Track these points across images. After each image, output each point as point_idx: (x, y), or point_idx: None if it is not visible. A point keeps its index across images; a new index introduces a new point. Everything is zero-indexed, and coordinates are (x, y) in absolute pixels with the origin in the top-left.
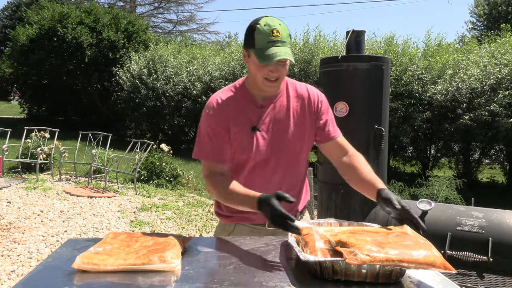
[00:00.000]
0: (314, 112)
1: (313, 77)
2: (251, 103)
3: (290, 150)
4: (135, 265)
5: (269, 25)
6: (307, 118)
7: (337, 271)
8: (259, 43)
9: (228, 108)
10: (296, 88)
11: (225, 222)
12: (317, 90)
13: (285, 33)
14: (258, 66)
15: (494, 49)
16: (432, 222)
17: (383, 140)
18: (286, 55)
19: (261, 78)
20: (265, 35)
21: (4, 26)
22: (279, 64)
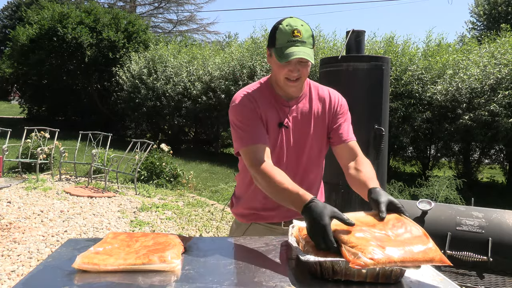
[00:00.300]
0: (333, 114)
1: (313, 77)
2: (278, 100)
3: (309, 151)
4: (135, 265)
5: (290, 25)
6: (326, 120)
7: (337, 271)
8: (279, 42)
9: (258, 100)
10: (318, 91)
11: (241, 220)
12: (338, 94)
13: (307, 34)
14: (278, 66)
15: (494, 49)
16: (432, 222)
17: (383, 140)
18: (304, 55)
19: (282, 78)
20: (286, 35)
21: (4, 26)
22: (299, 64)
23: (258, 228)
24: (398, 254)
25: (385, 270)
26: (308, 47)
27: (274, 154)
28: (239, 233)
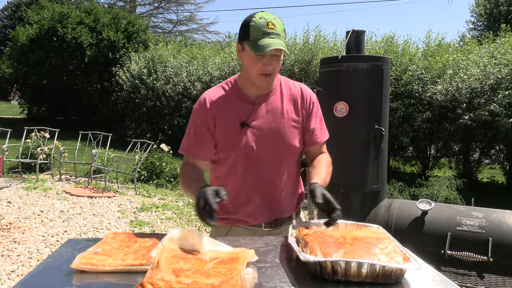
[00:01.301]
0: (307, 113)
1: (313, 77)
2: (242, 99)
3: (282, 149)
4: (133, 266)
5: (264, 18)
6: (299, 117)
7: (337, 272)
8: (253, 34)
9: (216, 105)
10: (290, 87)
11: (220, 223)
12: (310, 90)
13: (280, 27)
14: (252, 60)
15: (494, 49)
16: (432, 222)
17: (383, 140)
18: (281, 46)
19: (255, 73)
20: (260, 27)
21: (4, 26)
22: (273, 59)
23: (239, 231)
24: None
25: (385, 271)
26: (282, 40)
27: (241, 152)
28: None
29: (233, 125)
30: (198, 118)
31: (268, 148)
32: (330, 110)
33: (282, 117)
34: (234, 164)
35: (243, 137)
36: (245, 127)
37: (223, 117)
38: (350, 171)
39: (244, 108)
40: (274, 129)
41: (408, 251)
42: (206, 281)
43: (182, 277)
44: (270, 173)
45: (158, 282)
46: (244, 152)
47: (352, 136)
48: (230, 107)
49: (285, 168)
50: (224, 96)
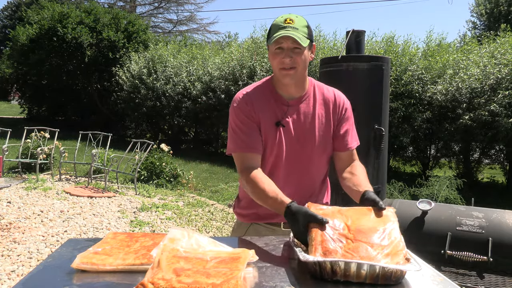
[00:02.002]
0: (338, 118)
1: (313, 77)
2: (277, 99)
3: (311, 151)
4: (134, 265)
5: (284, 16)
6: (330, 122)
7: (336, 272)
8: (272, 31)
9: (254, 101)
10: (323, 92)
11: (242, 220)
12: (344, 96)
13: (300, 23)
14: (272, 55)
15: (494, 49)
16: (432, 222)
17: (383, 140)
18: (289, 34)
19: (277, 68)
20: (278, 23)
21: (4, 26)
22: (292, 52)
23: (258, 228)
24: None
25: (385, 272)
26: (300, 33)
27: (273, 151)
28: (240, 233)
29: (268, 122)
30: (242, 113)
31: (298, 149)
32: None
33: (313, 121)
34: (264, 161)
35: (276, 136)
36: (279, 126)
37: (260, 114)
38: None
39: (279, 108)
40: (305, 131)
41: (408, 252)
42: (206, 280)
43: (183, 277)
44: (298, 173)
45: (159, 282)
46: (275, 151)
47: None
48: (267, 105)
49: (313, 170)
50: (260, 94)
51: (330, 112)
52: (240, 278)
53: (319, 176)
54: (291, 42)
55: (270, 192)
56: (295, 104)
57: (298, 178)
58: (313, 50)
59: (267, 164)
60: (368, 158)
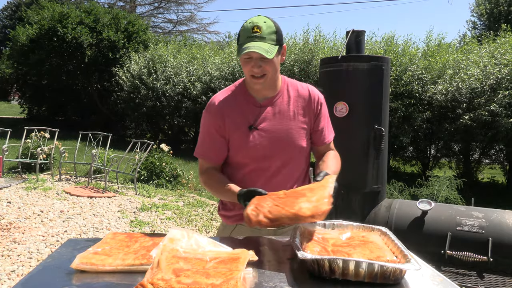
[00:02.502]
0: (315, 114)
1: (313, 77)
2: (250, 102)
3: (290, 150)
4: (133, 266)
5: (252, 22)
6: (306, 118)
7: (334, 270)
8: (240, 39)
9: (226, 108)
10: (297, 89)
11: (227, 222)
12: (318, 92)
13: (268, 30)
14: (242, 62)
15: (494, 49)
16: (432, 222)
17: (383, 140)
18: (256, 49)
19: (247, 75)
20: (246, 31)
21: (4, 26)
22: (261, 61)
23: (243, 229)
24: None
25: (384, 271)
26: (267, 42)
27: (248, 154)
28: (226, 235)
29: (241, 128)
30: (209, 122)
31: (276, 149)
32: (330, 110)
33: (289, 119)
34: (242, 165)
35: (251, 139)
36: (253, 129)
37: (232, 120)
38: (350, 171)
39: (251, 111)
40: (281, 131)
41: (409, 252)
42: (206, 281)
43: (182, 277)
44: (277, 174)
45: (158, 282)
46: (252, 154)
47: (352, 136)
48: (239, 110)
49: (293, 168)
50: (232, 99)
51: (305, 108)
52: (240, 278)
53: (298, 173)
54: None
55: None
56: (268, 104)
57: (278, 177)
58: (283, 52)
59: (245, 167)
60: (368, 158)
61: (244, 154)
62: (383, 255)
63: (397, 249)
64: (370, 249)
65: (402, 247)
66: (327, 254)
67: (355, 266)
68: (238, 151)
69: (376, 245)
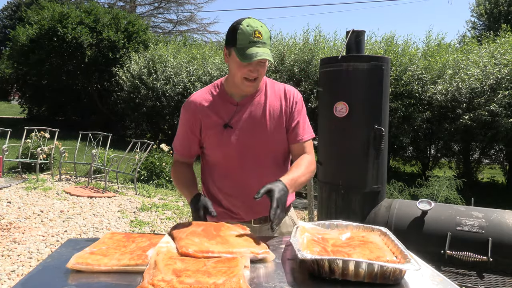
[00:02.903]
0: (290, 112)
1: (313, 77)
2: (227, 101)
3: (265, 148)
4: (129, 266)
5: (251, 26)
6: (282, 116)
7: (334, 270)
8: (241, 42)
9: (201, 107)
10: (274, 87)
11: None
12: (294, 90)
13: (266, 35)
14: (238, 65)
15: (494, 49)
16: (432, 222)
17: (383, 140)
18: (267, 56)
19: (240, 78)
20: (247, 35)
21: (4, 26)
22: (258, 65)
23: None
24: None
25: (384, 271)
26: (268, 48)
27: (223, 152)
28: None
29: (216, 126)
30: (184, 119)
31: (251, 147)
32: (330, 110)
33: (265, 117)
34: (218, 163)
35: (225, 138)
36: (227, 128)
37: (207, 119)
38: (350, 171)
39: (227, 109)
40: (256, 129)
41: (409, 252)
42: (208, 280)
43: (184, 277)
44: (253, 171)
45: (159, 283)
46: (227, 152)
47: (352, 136)
48: (214, 109)
49: (269, 166)
50: (209, 99)
51: (282, 106)
52: (242, 276)
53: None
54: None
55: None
56: (246, 103)
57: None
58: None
59: (221, 166)
60: (368, 158)
61: (219, 152)
62: (383, 255)
63: (397, 249)
64: (370, 249)
65: (402, 247)
66: (327, 254)
67: (355, 266)
68: (214, 148)
69: (376, 245)
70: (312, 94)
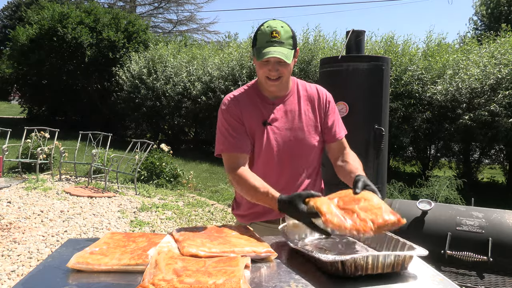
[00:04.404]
0: (324, 112)
1: (313, 77)
2: (263, 100)
3: (300, 147)
4: (129, 266)
5: (270, 26)
6: (317, 116)
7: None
8: (259, 42)
9: (241, 103)
10: (306, 89)
11: (241, 221)
12: (325, 90)
13: (286, 35)
14: (258, 65)
15: (494, 49)
16: (432, 222)
17: (383, 140)
18: (278, 54)
19: (263, 77)
20: (265, 36)
21: (4, 26)
22: (278, 64)
23: (258, 228)
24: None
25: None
26: (286, 47)
27: (262, 150)
28: None
29: (256, 123)
30: (230, 116)
31: (287, 146)
32: None
33: (299, 118)
34: (255, 160)
35: (264, 135)
36: (266, 125)
37: (248, 115)
38: None
39: (265, 108)
40: (292, 129)
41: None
42: (208, 280)
43: (184, 277)
44: (289, 169)
45: (160, 283)
46: (265, 150)
47: (352, 136)
48: (253, 106)
49: (304, 165)
50: (246, 96)
51: (315, 107)
52: (242, 276)
53: (311, 170)
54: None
55: (260, 187)
56: (280, 102)
57: (290, 174)
58: (296, 55)
59: (259, 163)
60: (368, 158)
61: (257, 149)
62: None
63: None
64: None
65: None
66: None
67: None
68: (253, 146)
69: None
70: None
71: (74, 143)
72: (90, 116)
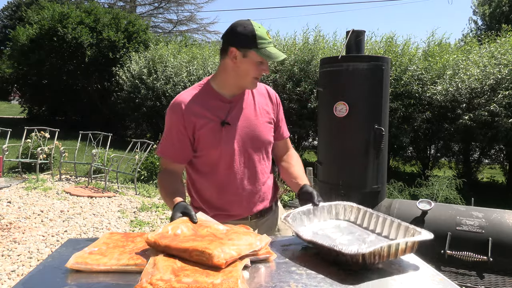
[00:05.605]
0: (276, 110)
1: (313, 77)
2: (217, 99)
3: (261, 144)
4: (128, 266)
5: (262, 27)
6: (270, 114)
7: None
8: (261, 44)
9: (192, 107)
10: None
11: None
12: (274, 91)
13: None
14: (254, 66)
15: (494, 49)
16: (432, 222)
17: (383, 140)
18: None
19: (251, 77)
20: (264, 37)
21: (4, 26)
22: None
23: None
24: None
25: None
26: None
27: (223, 150)
28: None
29: (213, 124)
30: (174, 121)
31: (248, 144)
32: (330, 110)
33: (256, 114)
34: (216, 162)
35: (224, 135)
36: (225, 125)
37: (201, 118)
38: (350, 171)
39: (221, 107)
40: (251, 125)
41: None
42: (206, 279)
43: (182, 276)
44: (252, 167)
45: (157, 283)
46: (226, 150)
47: (352, 136)
48: (207, 107)
49: (263, 162)
50: (199, 98)
51: (268, 104)
52: (240, 276)
53: (268, 166)
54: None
55: (168, 190)
56: (237, 100)
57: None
58: None
59: (221, 163)
60: (368, 158)
61: (217, 150)
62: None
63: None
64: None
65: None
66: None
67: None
68: (209, 148)
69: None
70: (312, 94)
71: (74, 143)
72: (90, 116)
